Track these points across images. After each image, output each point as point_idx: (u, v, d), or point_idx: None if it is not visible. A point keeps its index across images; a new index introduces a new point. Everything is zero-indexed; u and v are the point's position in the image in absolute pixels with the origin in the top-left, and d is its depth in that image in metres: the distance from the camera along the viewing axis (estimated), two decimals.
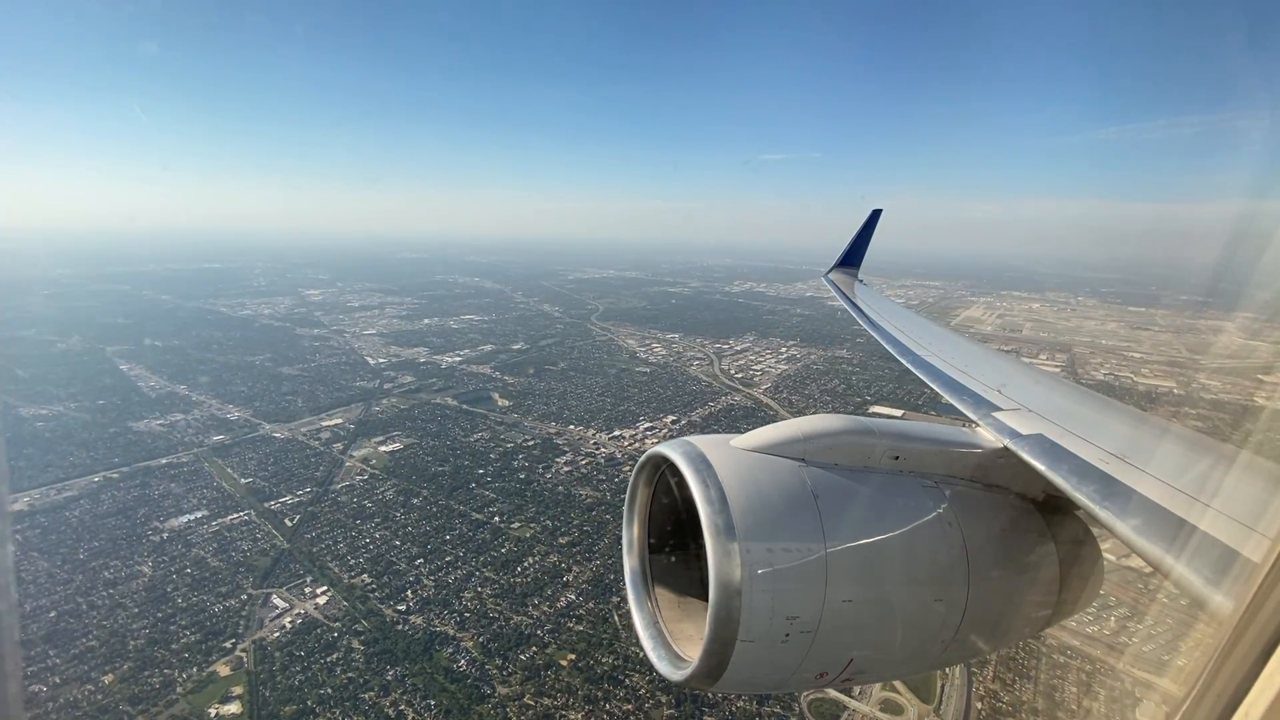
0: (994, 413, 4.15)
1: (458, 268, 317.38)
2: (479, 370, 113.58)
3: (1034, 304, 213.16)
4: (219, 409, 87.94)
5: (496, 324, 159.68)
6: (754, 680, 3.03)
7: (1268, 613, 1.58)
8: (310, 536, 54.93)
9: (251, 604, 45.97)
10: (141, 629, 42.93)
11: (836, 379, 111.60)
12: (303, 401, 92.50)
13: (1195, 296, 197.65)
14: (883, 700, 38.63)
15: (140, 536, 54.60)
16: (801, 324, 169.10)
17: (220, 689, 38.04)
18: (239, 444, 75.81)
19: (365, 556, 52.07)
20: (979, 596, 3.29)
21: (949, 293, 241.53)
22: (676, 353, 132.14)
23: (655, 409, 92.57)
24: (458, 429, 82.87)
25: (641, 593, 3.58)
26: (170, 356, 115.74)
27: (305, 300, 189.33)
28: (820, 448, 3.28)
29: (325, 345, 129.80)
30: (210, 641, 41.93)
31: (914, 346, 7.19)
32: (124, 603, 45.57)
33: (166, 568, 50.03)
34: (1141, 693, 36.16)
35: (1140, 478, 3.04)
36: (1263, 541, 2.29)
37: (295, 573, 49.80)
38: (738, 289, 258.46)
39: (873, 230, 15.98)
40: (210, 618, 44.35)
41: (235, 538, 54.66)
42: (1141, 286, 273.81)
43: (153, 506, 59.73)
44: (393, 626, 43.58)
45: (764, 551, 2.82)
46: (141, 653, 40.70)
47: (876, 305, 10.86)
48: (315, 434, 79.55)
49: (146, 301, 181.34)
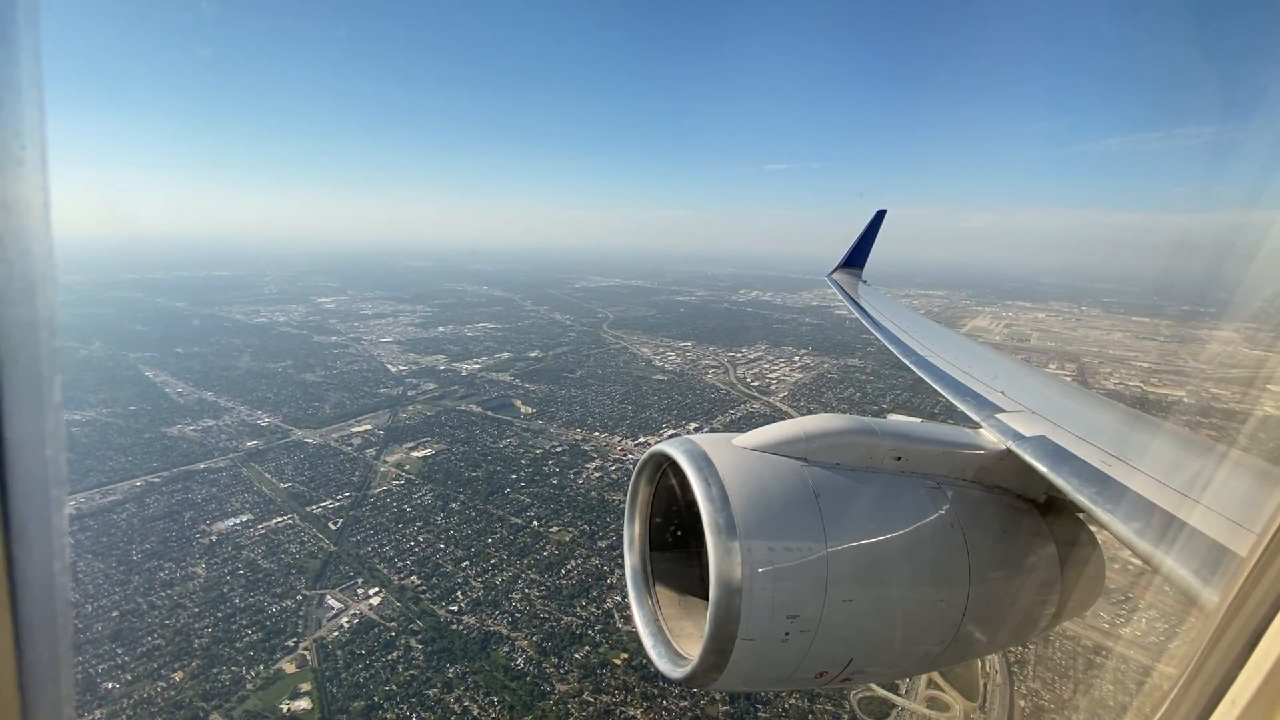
0: (997, 414, 4.20)
1: (464, 276, 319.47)
2: (499, 378, 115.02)
3: (1039, 314, 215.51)
4: (249, 415, 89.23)
5: (510, 332, 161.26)
6: (753, 679, 3.04)
7: (1253, 604, 1.64)
8: (356, 540, 56.20)
9: (307, 605, 47.19)
10: (204, 628, 44.13)
11: (852, 387, 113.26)
12: (330, 408, 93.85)
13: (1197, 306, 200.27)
14: (928, 698, 39.95)
15: (189, 539, 55.83)
16: (811, 333, 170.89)
17: (288, 685, 39.23)
18: (273, 449, 77.10)
19: (412, 559, 53.36)
20: (980, 598, 3.32)
21: (953, 302, 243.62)
22: (691, 361, 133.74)
23: (677, 416, 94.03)
24: (486, 435, 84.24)
25: (642, 590, 3.60)
26: (194, 363, 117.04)
27: (319, 308, 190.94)
28: (822, 447, 3.32)
29: (345, 352, 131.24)
30: (273, 640, 43.14)
31: (917, 347, 7.22)
32: (183, 603, 46.79)
33: (219, 569, 51.25)
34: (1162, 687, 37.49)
35: (1142, 480, 3.07)
36: (1250, 537, 2.33)
37: (346, 574, 51.05)
38: (744, 298, 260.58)
39: (877, 231, 15.99)
40: (269, 617, 45.57)
41: (283, 541, 55.90)
42: (1143, 296, 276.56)
43: (198, 510, 60.97)
44: (447, 626, 44.84)
45: (765, 550, 2.84)
46: (207, 651, 41.90)
47: (880, 306, 10.92)
48: (346, 440, 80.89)
49: (161, 308, 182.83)
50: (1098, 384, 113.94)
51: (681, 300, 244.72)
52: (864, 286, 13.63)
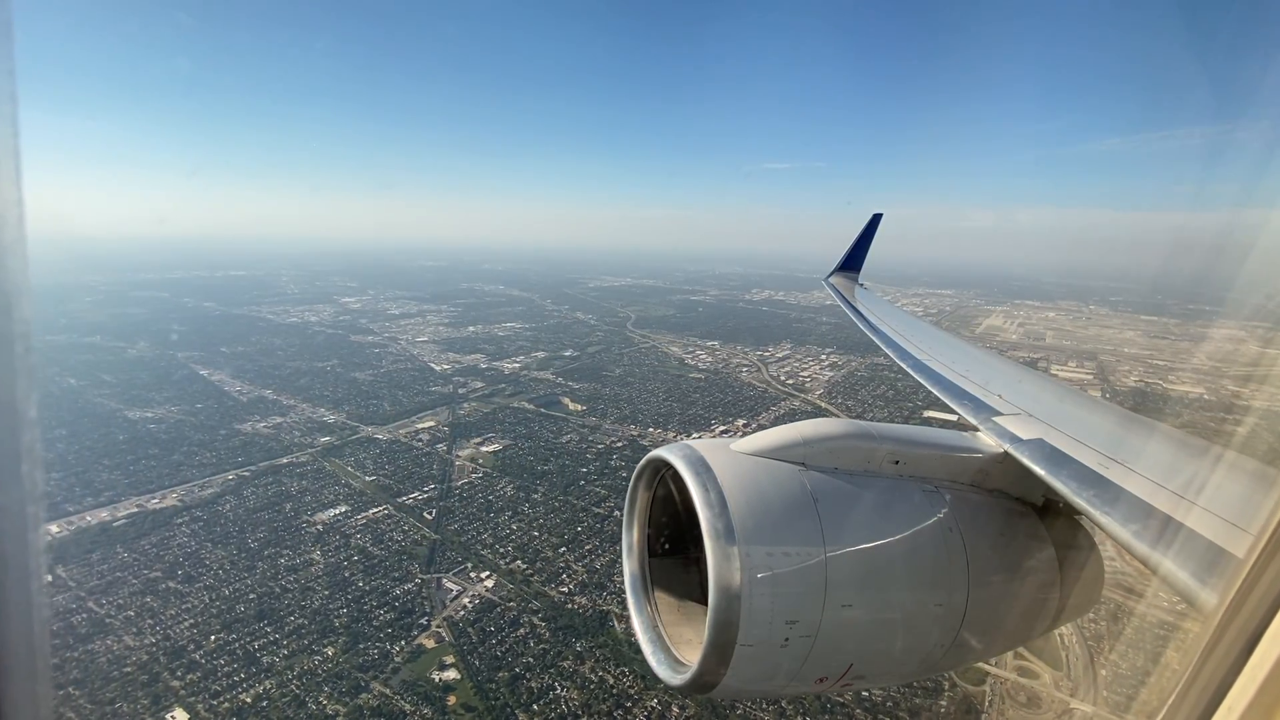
0: (994, 417, 4.20)
1: (478, 276, 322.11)
2: (541, 376, 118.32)
3: (1049, 313, 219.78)
4: (312, 412, 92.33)
5: (539, 331, 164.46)
6: (753, 685, 3.06)
7: (1251, 607, 1.63)
8: (454, 528, 59.59)
9: (426, 587, 50.59)
10: (339, 609, 47.47)
11: (884, 385, 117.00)
12: (388, 405, 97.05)
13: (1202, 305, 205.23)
14: (1017, 667, 43.72)
15: (296, 528, 59.10)
16: (832, 332, 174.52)
17: (433, 659, 42.63)
18: (347, 445, 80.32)
19: (512, 545, 56.79)
20: (979, 601, 3.32)
21: (963, 302, 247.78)
22: (722, 359, 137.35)
23: (723, 413, 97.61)
24: (545, 431, 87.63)
25: (641, 596, 3.60)
26: (243, 362, 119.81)
27: (346, 308, 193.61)
28: (820, 452, 3.33)
29: (385, 352, 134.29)
30: (406, 619, 46.53)
31: (914, 351, 7.19)
32: (312, 586, 50.12)
33: (334, 556, 54.56)
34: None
35: (1140, 482, 3.08)
36: (1248, 539, 2.32)
37: (453, 560, 54.45)
38: (758, 297, 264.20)
39: (873, 235, 16.06)
40: (395, 599, 48.94)
41: (385, 529, 59.26)
42: (1145, 295, 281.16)
43: (295, 501, 64.22)
44: (563, 606, 48.33)
45: (764, 555, 2.84)
46: (349, 628, 45.26)
47: (877, 309, 10.84)
48: (414, 435, 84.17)
49: (191, 308, 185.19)
50: (1120, 382, 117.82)
51: (697, 300, 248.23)
52: (861, 290, 13.65)
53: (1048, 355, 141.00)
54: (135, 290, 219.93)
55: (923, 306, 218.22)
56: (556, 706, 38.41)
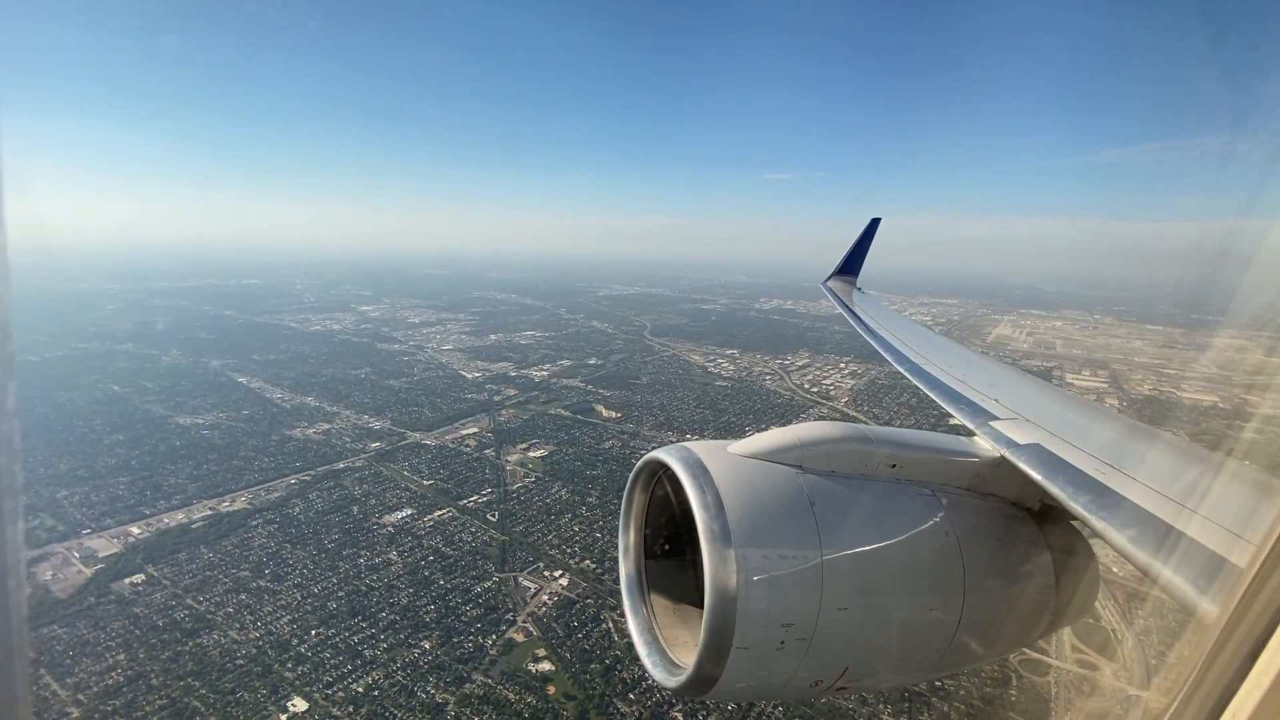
0: (991, 422, 4.22)
1: (488, 284, 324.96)
2: (571, 384, 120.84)
3: (1056, 322, 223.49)
4: (357, 419, 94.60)
5: (560, 340, 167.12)
6: (748, 687, 3.08)
7: (1254, 616, 1.62)
8: (519, 529, 61.95)
9: (505, 585, 52.91)
10: (426, 606, 49.73)
11: (907, 393, 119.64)
12: (429, 412, 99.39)
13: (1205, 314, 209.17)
14: (1076, 659, 46.28)
15: (368, 530, 61.37)
16: (847, 340, 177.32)
17: (525, 651, 44.91)
18: (399, 450, 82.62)
19: (577, 545, 59.16)
20: (974, 605, 3.36)
21: (970, 311, 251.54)
22: (744, 368, 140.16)
23: (755, 419, 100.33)
24: (586, 437, 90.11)
25: (637, 598, 3.62)
26: (278, 370, 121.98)
27: (365, 316, 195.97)
28: (817, 455, 3.36)
29: (414, 360, 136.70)
30: (492, 615, 48.83)
31: (911, 355, 7.20)
32: (396, 584, 52.37)
33: (410, 556, 56.83)
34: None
35: (1136, 487, 3.07)
36: (1249, 548, 2.29)
37: (525, 560, 56.78)
38: (768, 306, 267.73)
39: (871, 239, 16.10)
40: (478, 596, 51.23)
41: (453, 531, 61.57)
42: (1148, 304, 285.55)
43: (362, 505, 66.47)
44: None
45: (760, 558, 2.85)
46: (440, 623, 47.54)
47: (874, 313, 10.83)
48: (460, 441, 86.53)
49: (213, 316, 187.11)
50: (1134, 390, 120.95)
51: (709, 308, 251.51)
52: (859, 294, 13.80)
53: (1061, 364, 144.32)
54: (153, 299, 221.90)
55: (931, 315, 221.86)
56: (652, 695, 40.72)
